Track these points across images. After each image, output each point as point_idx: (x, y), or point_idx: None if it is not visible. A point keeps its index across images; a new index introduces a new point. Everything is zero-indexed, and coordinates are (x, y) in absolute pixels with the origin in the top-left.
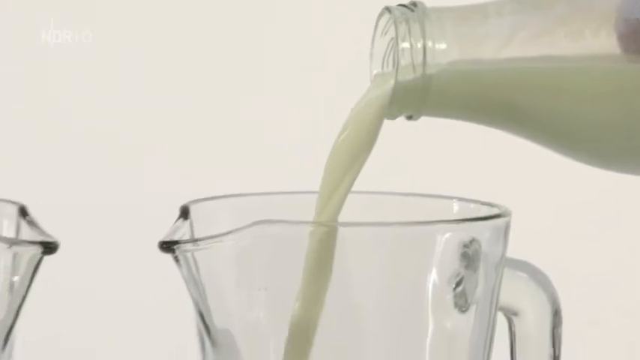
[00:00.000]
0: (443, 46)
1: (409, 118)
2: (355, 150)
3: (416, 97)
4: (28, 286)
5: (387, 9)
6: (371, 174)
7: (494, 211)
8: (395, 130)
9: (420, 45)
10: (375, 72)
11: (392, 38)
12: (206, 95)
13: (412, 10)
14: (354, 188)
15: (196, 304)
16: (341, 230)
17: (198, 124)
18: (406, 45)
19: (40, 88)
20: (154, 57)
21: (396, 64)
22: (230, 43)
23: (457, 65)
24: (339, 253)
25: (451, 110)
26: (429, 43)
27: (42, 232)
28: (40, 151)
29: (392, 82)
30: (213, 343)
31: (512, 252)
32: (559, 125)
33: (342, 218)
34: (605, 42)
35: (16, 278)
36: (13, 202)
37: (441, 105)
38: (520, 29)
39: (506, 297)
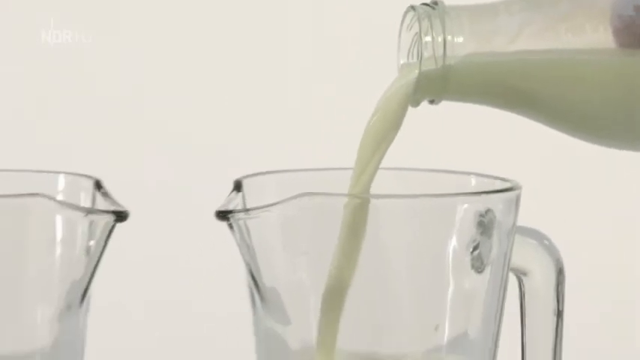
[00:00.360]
0: (460, 40)
1: (431, 102)
2: (384, 131)
3: (437, 84)
4: (102, 251)
5: (412, 7)
6: (398, 152)
7: (507, 185)
8: (419, 114)
9: (440, 39)
10: (401, 62)
11: (416, 33)
12: (250, 80)
13: (433, 8)
14: (382, 165)
15: (248, 266)
16: (372, 201)
17: (249, 108)
18: (428, 39)
19: (40, 89)
20: (156, 55)
21: (420, 56)
22: (261, 26)
23: (473, 57)
24: (370, 222)
25: (468, 96)
26: (449, 38)
27: (114, 202)
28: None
29: (416, 71)
30: (262, 299)
31: (522, 221)
32: (561, 108)
33: (372, 191)
34: (602, 36)
35: (92, 243)
36: (89, 177)
37: (458, 91)
38: (527, 25)
39: (517, 260)
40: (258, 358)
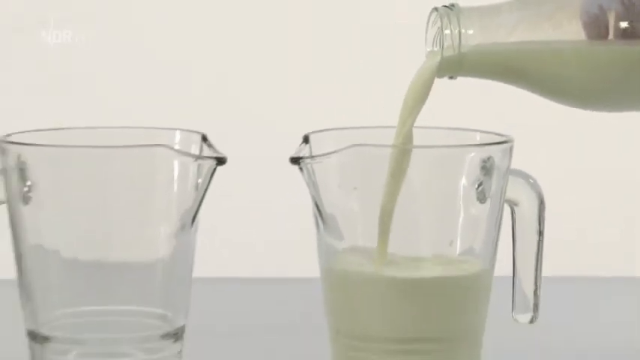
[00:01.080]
0: (471, 32)
1: (450, 78)
2: (417, 98)
3: (454, 66)
4: (207, 187)
5: (435, 8)
6: (426, 115)
7: (503, 138)
8: (442, 87)
9: (456, 32)
10: (428, 50)
11: (438, 27)
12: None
13: (451, 9)
14: (415, 124)
15: (313, 198)
16: (407, 150)
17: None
18: (448, 32)
19: (40, 88)
20: (157, 54)
21: (442, 45)
22: None
23: (481, 46)
24: (406, 164)
25: (477, 74)
26: (463, 31)
27: (215, 150)
28: None
29: (439, 57)
30: (324, 223)
31: (514, 165)
32: (546, 82)
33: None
34: (575, 29)
35: (199, 180)
36: (198, 132)
37: (470, 71)
38: (521, 22)
39: (510, 194)
40: (320, 263)
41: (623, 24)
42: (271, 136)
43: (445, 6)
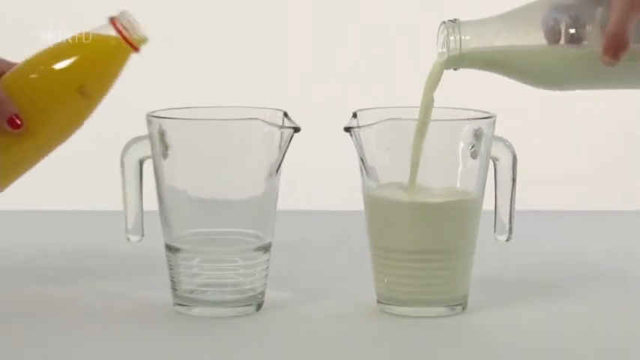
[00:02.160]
0: (468, 38)
1: (455, 69)
2: (432, 84)
3: (457, 62)
4: (287, 147)
5: (443, 22)
6: (437, 98)
7: (489, 114)
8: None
9: (458, 38)
10: (439, 51)
11: (445, 35)
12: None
13: (454, 22)
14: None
15: (360, 155)
16: (424, 122)
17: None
18: (452, 38)
19: None
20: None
21: (448, 48)
22: None
23: (475, 48)
24: (425, 132)
25: (473, 67)
26: (462, 37)
27: (293, 123)
28: None
29: (446, 56)
30: (366, 172)
31: (496, 132)
32: (520, 72)
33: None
34: (538, 36)
35: (282, 143)
36: (281, 110)
37: (468, 64)
38: (502, 31)
39: (493, 152)
40: (363, 196)
41: (571, 31)
42: (331, 113)
43: (450, 20)
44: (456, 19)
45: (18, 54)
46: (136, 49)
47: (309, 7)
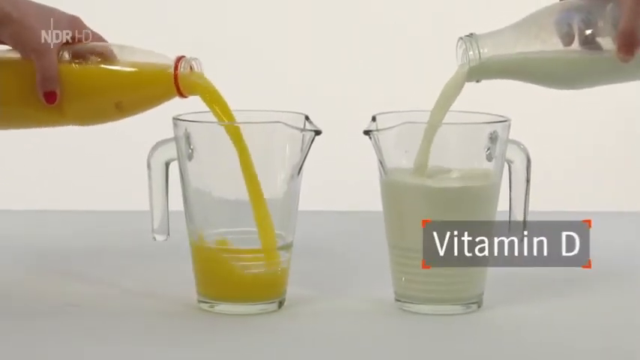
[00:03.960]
0: (486, 50)
1: (477, 82)
2: (452, 93)
3: (478, 74)
4: (308, 149)
5: (461, 37)
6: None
7: (504, 119)
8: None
9: (477, 51)
10: (459, 63)
11: (464, 49)
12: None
13: (471, 36)
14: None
15: (377, 155)
16: (442, 125)
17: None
18: (471, 53)
19: None
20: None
21: (469, 60)
22: None
23: (493, 58)
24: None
25: (494, 77)
26: (481, 50)
27: (315, 126)
28: None
29: (467, 67)
30: (384, 171)
31: (511, 135)
32: (538, 76)
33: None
34: (555, 41)
35: (304, 145)
36: (303, 114)
37: (488, 75)
38: (519, 40)
39: (508, 155)
40: (382, 196)
41: (585, 33)
42: (350, 116)
43: (467, 35)
44: (472, 34)
45: None
46: (181, 94)
47: (331, 14)
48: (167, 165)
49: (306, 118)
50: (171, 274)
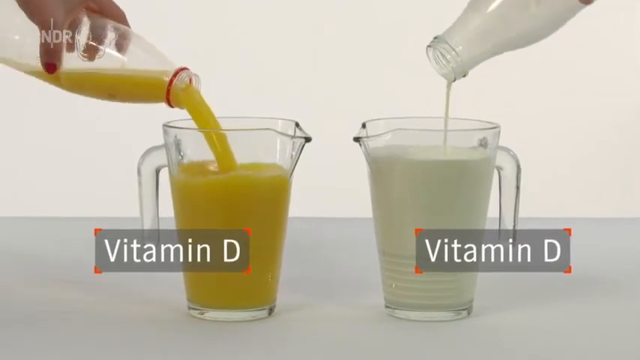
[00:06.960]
0: (461, 48)
1: (463, 76)
2: (448, 102)
3: (462, 71)
4: (299, 155)
5: (429, 46)
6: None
7: (494, 125)
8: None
9: (453, 53)
10: (441, 72)
11: (437, 55)
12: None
13: (438, 40)
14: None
15: (367, 163)
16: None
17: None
18: (448, 56)
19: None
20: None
21: (447, 64)
22: None
23: (472, 52)
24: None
25: (477, 64)
26: (456, 49)
27: (304, 132)
28: None
29: (453, 75)
30: (374, 177)
31: (501, 142)
32: (520, 44)
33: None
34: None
35: (293, 152)
36: (292, 120)
37: (473, 66)
38: (484, 22)
39: (498, 161)
40: (372, 198)
41: None
42: (341, 123)
43: (433, 40)
44: (437, 36)
45: None
46: (169, 104)
47: (322, 21)
48: (157, 171)
49: (297, 124)
50: (161, 280)
